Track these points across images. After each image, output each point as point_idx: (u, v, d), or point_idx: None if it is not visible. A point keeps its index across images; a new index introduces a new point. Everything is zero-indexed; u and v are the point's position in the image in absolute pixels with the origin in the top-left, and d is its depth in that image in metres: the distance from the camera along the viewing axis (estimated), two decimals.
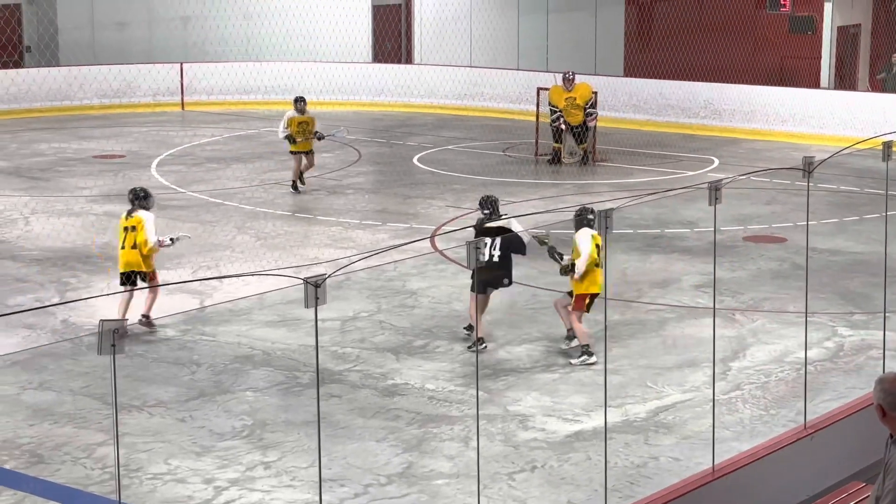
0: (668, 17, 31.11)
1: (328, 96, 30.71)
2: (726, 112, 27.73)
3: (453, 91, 30.84)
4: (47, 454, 11.11)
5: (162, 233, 14.75)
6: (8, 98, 29.71)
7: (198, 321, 14.82)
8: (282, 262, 17.09)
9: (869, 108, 25.98)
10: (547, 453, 11.13)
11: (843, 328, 14.49)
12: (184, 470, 10.79)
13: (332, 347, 13.73)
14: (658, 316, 14.97)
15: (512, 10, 32.23)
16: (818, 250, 17.47)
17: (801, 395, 11.39)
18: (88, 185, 22.30)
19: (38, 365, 13.34)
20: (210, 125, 28.65)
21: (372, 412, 12.06)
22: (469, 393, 12.34)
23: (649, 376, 12.99)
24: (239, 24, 32.68)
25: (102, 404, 12.11)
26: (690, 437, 11.41)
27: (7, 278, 16.50)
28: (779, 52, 29.65)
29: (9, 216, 19.89)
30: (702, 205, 18.36)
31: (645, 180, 22.63)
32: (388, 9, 34.01)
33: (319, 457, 7.97)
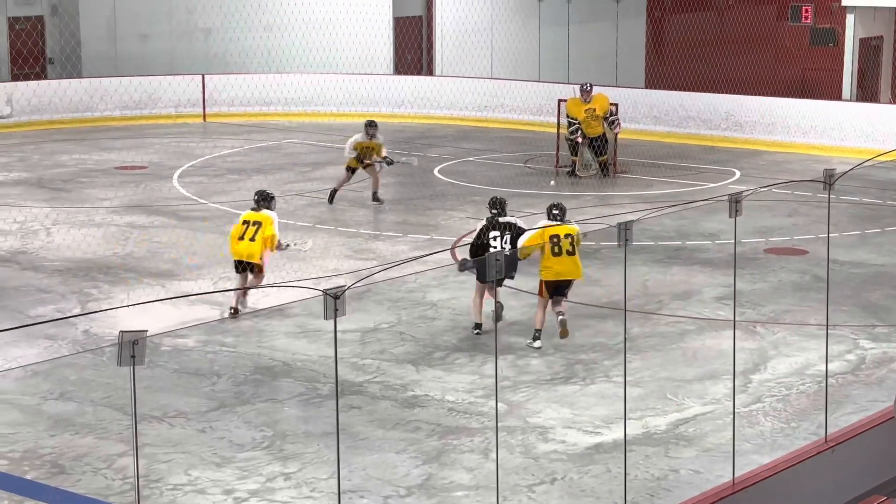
0: (689, 28, 31.10)
1: (349, 108, 30.78)
2: (747, 124, 27.69)
3: (474, 102, 30.85)
4: (68, 465, 11.14)
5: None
6: (31, 109, 29.83)
7: (218, 332, 14.84)
8: (302, 273, 17.10)
9: (891, 120, 25.91)
10: (567, 465, 11.12)
11: (865, 341, 14.44)
12: (204, 481, 10.81)
13: (352, 359, 13.74)
14: (679, 328, 14.94)
15: (533, 22, 32.25)
16: (840, 262, 17.41)
17: (822, 407, 11.37)
18: (110, 196, 22.37)
19: (60, 375, 13.38)
20: (231, 136, 28.72)
21: (392, 424, 12.06)
22: (489, 405, 12.34)
23: (670, 388, 12.97)
24: (260, 36, 32.76)
25: (123, 415, 12.13)
26: (711, 450, 11.38)
27: (29, 289, 16.56)
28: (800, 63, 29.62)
29: (31, 227, 19.96)
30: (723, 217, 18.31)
31: (666, 192, 22.60)
32: (409, 20, 34.06)
33: (339, 468, 8.00)
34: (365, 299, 15.83)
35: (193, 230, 19.70)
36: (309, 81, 30.95)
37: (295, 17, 32.60)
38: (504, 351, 13.88)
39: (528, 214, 19.98)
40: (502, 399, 12.50)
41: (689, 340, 14.49)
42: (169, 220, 20.50)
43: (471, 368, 13.56)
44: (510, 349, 14.03)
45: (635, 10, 31.27)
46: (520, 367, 13.57)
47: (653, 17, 31.41)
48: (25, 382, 13.21)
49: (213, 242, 18.88)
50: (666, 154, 26.26)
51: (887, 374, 13.27)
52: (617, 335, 14.36)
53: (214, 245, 18.71)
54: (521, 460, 11.22)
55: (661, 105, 28.59)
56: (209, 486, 10.72)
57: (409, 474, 10.95)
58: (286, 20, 32.68)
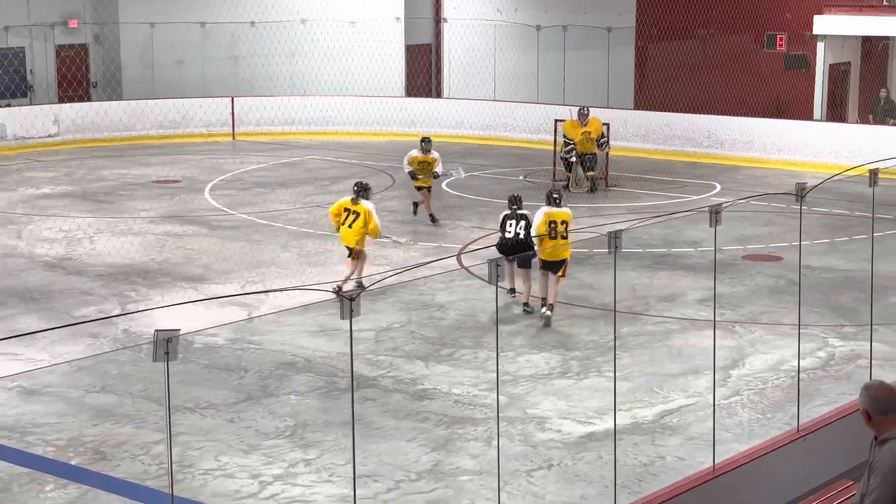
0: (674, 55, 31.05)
1: (365, 127, 30.83)
2: (727, 142, 27.67)
3: (479, 122, 30.86)
4: (109, 451, 11.15)
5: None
6: (76, 129, 29.90)
7: (246, 331, 14.86)
8: (322, 277, 17.11)
9: (858, 138, 25.87)
10: (562, 452, 11.12)
11: (834, 339, 14.42)
12: (232, 466, 10.81)
13: (367, 355, 13.74)
14: (664, 327, 14.93)
15: (532, 49, 32.25)
16: (811, 268, 17.40)
17: (794, 400, 11.34)
18: (147, 207, 22.40)
19: (101, 370, 13.40)
20: (258, 153, 28.75)
21: (403, 414, 12.06)
22: (491, 397, 12.33)
23: (656, 382, 12.96)
24: (284, 62, 32.80)
25: (159, 406, 12.14)
26: (693, 439, 11.37)
27: (74, 291, 16.59)
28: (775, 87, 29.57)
29: (76, 235, 19.99)
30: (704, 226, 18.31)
31: (653, 204, 22.59)
32: (420, 48, 34.09)
33: (354, 455, 7.98)
34: (379, 301, 15.83)
35: (223, 238, 19.71)
36: (328, 103, 30.99)
37: (315, 45, 32.65)
38: (505, 349, 13.89)
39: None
40: (504, 392, 12.50)
41: (674, 339, 14.48)
42: (201, 228, 20.52)
43: (475, 364, 13.55)
44: (511, 347, 14.03)
45: (625, 39, 31.24)
46: (520, 363, 13.57)
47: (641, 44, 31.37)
48: (70, 377, 13.23)
49: (240, 249, 18.92)
50: (653, 169, 26.26)
51: (854, 370, 13.25)
52: (608, 334, 14.35)
53: (242, 252, 18.74)
54: (521, 448, 11.21)
55: (649, 124, 28.59)
56: (237, 470, 10.72)
57: (419, 460, 10.94)
58: (308, 48, 32.73)
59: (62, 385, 12.96)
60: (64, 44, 31.89)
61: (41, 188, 24.23)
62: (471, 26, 33.45)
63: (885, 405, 6.66)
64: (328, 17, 32.58)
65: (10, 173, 25.93)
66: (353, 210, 16.20)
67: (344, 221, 16.21)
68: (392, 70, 33.09)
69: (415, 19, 33.60)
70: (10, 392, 12.72)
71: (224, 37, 32.66)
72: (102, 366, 13.54)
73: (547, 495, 10.26)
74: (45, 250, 18.95)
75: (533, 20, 32.45)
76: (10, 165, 26.84)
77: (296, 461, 10.93)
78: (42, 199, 23.08)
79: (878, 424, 6.65)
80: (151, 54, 32.47)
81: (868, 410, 6.68)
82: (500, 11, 33.12)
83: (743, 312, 15.55)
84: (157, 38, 32.23)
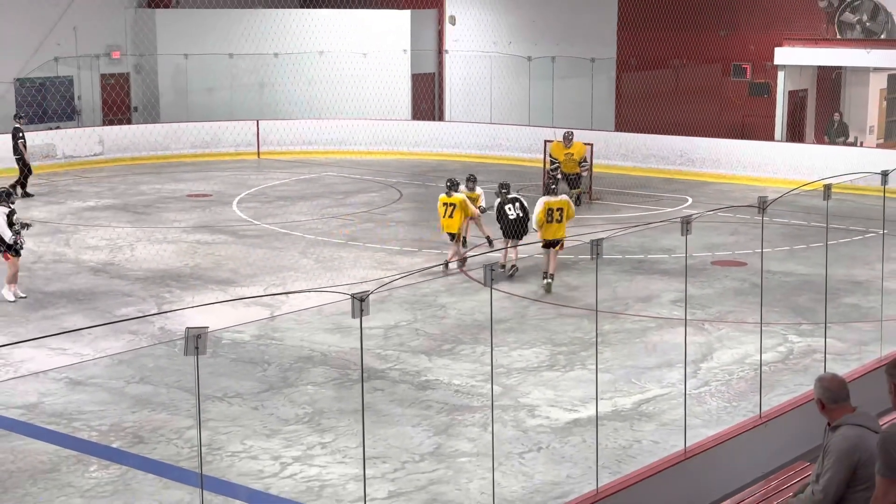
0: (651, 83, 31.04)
1: (375, 147, 30.84)
2: (698, 160, 27.65)
3: (477, 142, 30.85)
4: (146, 436, 11.15)
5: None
6: (118, 148, 29.92)
7: (269, 328, 14.85)
8: (336, 280, 17.11)
9: (814, 156, 25.85)
10: (550, 437, 11.10)
11: (793, 336, 14.40)
12: (256, 449, 10.80)
13: (376, 350, 13.73)
14: (641, 325, 14.91)
15: (524, 77, 32.26)
16: (772, 272, 17.38)
17: (757, 390, 11.33)
18: (181, 218, 22.39)
19: (140, 363, 13.39)
20: (280, 170, 28.75)
21: (408, 403, 12.05)
22: (487, 387, 12.32)
23: (634, 374, 12.94)
24: (304, 89, 32.82)
25: (191, 395, 12.13)
26: (667, 425, 11.35)
27: (116, 293, 16.58)
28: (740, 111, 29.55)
29: (118, 243, 19.98)
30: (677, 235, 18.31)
31: (631, 215, 22.58)
32: (424, 76, 34.10)
33: (364, 438, 7.97)
34: (388, 302, 15.82)
35: (248, 246, 19.71)
36: (343, 126, 31.02)
37: (332, 74, 32.67)
38: (500, 344, 13.88)
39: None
40: (498, 383, 12.49)
41: (650, 335, 14.46)
42: (229, 237, 20.51)
43: (473, 358, 13.54)
44: (504, 343, 14.01)
45: (607, 68, 31.24)
46: (512, 357, 13.55)
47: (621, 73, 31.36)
48: (112, 369, 13.22)
49: (263, 256, 18.91)
50: (631, 184, 26.24)
51: (811, 363, 13.22)
52: (591, 331, 14.33)
53: (265, 258, 18.74)
54: (513, 432, 11.20)
55: (628, 144, 28.58)
56: (261, 453, 10.71)
57: (423, 444, 10.93)
58: (324, 76, 32.75)
59: (105, 376, 12.96)
60: (108, 73, 31.92)
61: (87, 201, 24.23)
62: (469, 57, 33.46)
63: (836, 395, 6.67)
64: (343, 50, 32.60)
65: (59, 188, 25.93)
66: (450, 203, 17.68)
67: (445, 214, 17.67)
68: (399, 96, 33.10)
69: (420, 51, 33.61)
70: (59, 383, 12.72)
71: (250, 67, 32.69)
72: (141, 359, 13.53)
73: (536, 475, 10.25)
74: (90, 256, 18.94)
75: (525, 52, 32.45)
76: (60, 181, 26.85)
77: (313, 444, 10.92)
78: (88, 211, 23.08)
79: (831, 412, 6.66)
80: (185, 82, 32.49)
81: (822, 400, 6.68)
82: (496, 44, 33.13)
83: (711, 312, 15.53)
84: (191, 68, 32.26)
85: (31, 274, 17.57)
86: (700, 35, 29.87)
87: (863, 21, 27.70)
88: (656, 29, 29.94)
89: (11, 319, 15.24)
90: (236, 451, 10.74)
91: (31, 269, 17.91)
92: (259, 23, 32.42)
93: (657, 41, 30.10)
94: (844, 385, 6.69)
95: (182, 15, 32.58)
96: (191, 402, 11.97)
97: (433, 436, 11.13)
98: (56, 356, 13.53)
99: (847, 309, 15.55)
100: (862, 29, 27.70)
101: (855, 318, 15.14)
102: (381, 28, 32.93)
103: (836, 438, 6.53)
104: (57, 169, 28.30)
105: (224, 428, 11.29)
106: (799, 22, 28.54)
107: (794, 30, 28.22)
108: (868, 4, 27.58)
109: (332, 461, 10.53)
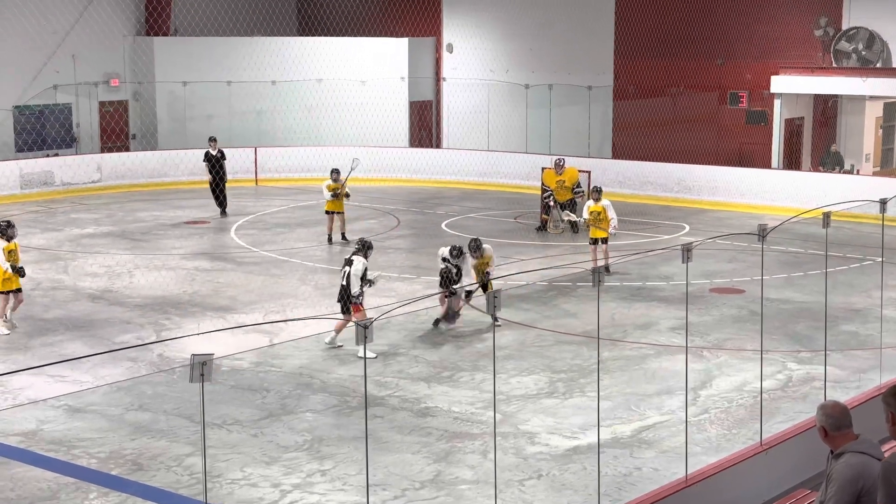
0: (648, 111, 31.16)
1: (374, 174, 30.84)
2: (695, 187, 27.74)
3: (475, 170, 30.93)
4: (146, 463, 11.13)
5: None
6: (116, 175, 29.96)
7: (268, 355, 14.84)
8: (336, 308, 17.07)
9: (811, 184, 25.93)
10: (550, 464, 11.09)
11: (792, 363, 14.42)
12: (256, 476, 10.79)
13: (375, 377, 13.73)
14: (640, 352, 14.92)
15: (522, 105, 32.37)
16: (771, 300, 17.40)
17: (757, 417, 11.34)
18: (180, 245, 22.41)
19: (139, 391, 13.38)
20: (278, 197, 28.80)
21: (408, 430, 12.04)
22: (487, 414, 12.31)
23: (633, 401, 12.94)
24: (302, 116, 32.91)
25: (190, 422, 12.12)
26: (667, 452, 11.35)
27: (115, 320, 16.58)
28: (738, 139, 29.66)
29: (116, 270, 19.99)
30: (675, 262, 18.38)
31: (630, 242, 22.62)
32: (422, 104, 34.21)
33: (367, 466, 7.96)
34: (386, 329, 15.82)
35: (247, 273, 19.72)
36: (342, 152, 30.93)
37: (330, 102, 32.77)
38: (499, 371, 13.87)
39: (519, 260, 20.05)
40: (498, 410, 12.48)
41: (649, 363, 14.47)
42: (227, 264, 20.53)
43: (472, 385, 13.54)
44: (504, 370, 14.01)
45: (604, 96, 31.37)
46: (512, 384, 13.55)
47: (618, 101, 31.48)
48: (111, 396, 13.21)
49: (262, 283, 18.93)
50: (630, 212, 26.27)
51: (810, 391, 13.24)
52: (590, 358, 14.34)
53: (264, 285, 18.75)
54: (514, 460, 11.19)
55: (625, 172, 28.67)
56: (260, 480, 10.70)
57: (423, 471, 10.92)
58: (323, 104, 32.85)
59: (104, 404, 12.94)
60: (106, 100, 32.01)
61: (85, 228, 24.25)
62: (467, 85, 33.59)
63: (839, 422, 6.67)
64: (341, 77, 32.70)
65: (57, 215, 25.96)
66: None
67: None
68: (397, 123, 33.19)
69: (418, 79, 33.73)
70: (58, 410, 12.70)
71: (248, 94, 32.78)
72: (140, 387, 13.52)
73: (536, 502, 10.23)
74: (88, 283, 18.95)
75: (522, 80, 32.58)
76: (58, 208, 26.88)
77: (313, 472, 10.90)
78: (86, 238, 23.10)
79: (834, 439, 6.66)
80: (184, 109, 32.58)
81: (825, 427, 6.68)
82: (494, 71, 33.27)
83: (710, 339, 15.54)
84: (189, 95, 32.35)
85: (29, 301, 17.56)
86: (697, 63, 30.01)
87: (858, 50, 27.85)
88: (653, 57, 30.09)
89: (11, 346, 15.23)
90: (236, 479, 10.72)
91: (30, 295, 17.90)
92: (257, 51, 32.55)
93: (654, 69, 30.25)
94: (847, 412, 6.69)
95: (180, 43, 32.70)
96: (190, 429, 11.94)
97: (433, 463, 11.11)
98: (55, 383, 13.51)
99: (846, 336, 15.57)
100: (858, 57, 27.85)
101: (853, 345, 15.16)
102: (379, 56, 33.07)
103: (839, 466, 6.53)
104: (55, 196, 28.35)
105: (223, 455, 11.27)
106: (795, 50, 28.68)
107: (790, 58, 28.37)
108: (864, 33, 27.74)
109: (332, 489, 10.51)
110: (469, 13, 33.94)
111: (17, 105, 30.15)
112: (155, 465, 11.07)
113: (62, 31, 30.72)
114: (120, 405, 12.86)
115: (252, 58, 32.46)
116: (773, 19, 28.91)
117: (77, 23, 31.03)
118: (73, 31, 30.93)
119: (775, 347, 14.98)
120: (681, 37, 29.62)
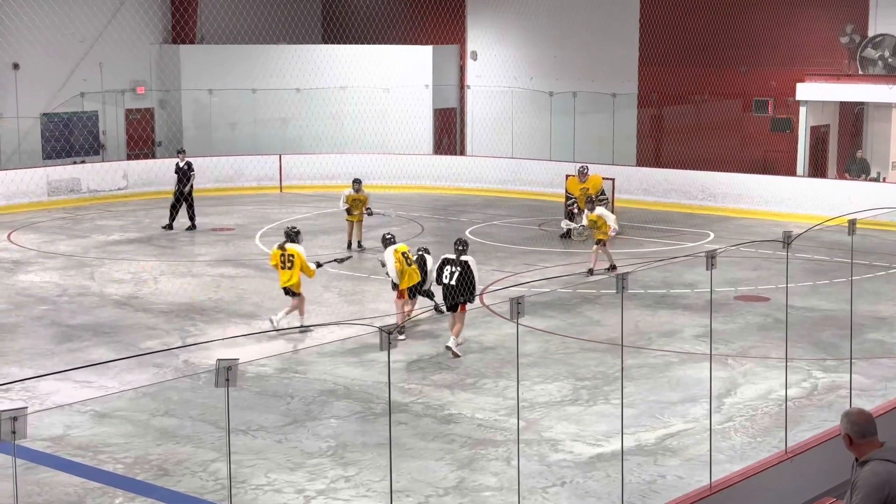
0: (673, 118, 31.11)
1: (398, 181, 30.94)
2: (720, 195, 27.66)
3: (498, 177, 30.94)
4: (171, 468, 11.18)
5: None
6: (142, 182, 30.12)
7: (292, 361, 14.89)
8: (359, 314, 17.14)
9: (836, 192, 25.83)
10: (574, 471, 11.08)
11: (817, 371, 14.35)
12: (280, 482, 10.81)
13: (399, 384, 13.75)
14: (664, 360, 14.89)
15: (546, 112, 32.38)
16: (796, 308, 17.33)
17: (782, 425, 11.29)
18: (205, 252, 22.50)
19: (164, 396, 13.44)
20: (302, 204, 28.88)
21: (432, 436, 12.05)
22: (511, 421, 12.31)
23: (657, 409, 12.91)
24: (327, 124, 33.02)
25: (215, 428, 12.17)
26: (691, 460, 11.31)
27: (140, 326, 16.66)
28: (762, 146, 29.57)
29: (142, 277, 20.10)
30: (700, 270, 18.32)
31: (654, 250, 22.57)
32: (446, 111, 34.27)
33: (391, 472, 7.98)
34: (410, 335, 15.83)
35: (272, 279, 19.75)
36: (365, 160, 31.12)
37: (354, 109, 32.87)
38: (523, 378, 13.86)
39: (542, 268, 20.05)
40: (521, 417, 12.47)
41: (673, 370, 14.44)
42: (252, 271, 20.60)
43: (496, 392, 13.54)
44: (528, 377, 14.00)
45: (628, 104, 31.35)
46: (535, 391, 13.54)
47: (642, 109, 31.46)
48: (137, 402, 13.28)
49: None
50: (653, 219, 26.25)
51: (836, 399, 13.17)
52: (614, 365, 14.32)
53: None
54: (537, 467, 11.18)
55: (650, 179, 28.63)
56: (284, 486, 10.73)
57: (446, 478, 10.92)
58: (347, 111, 32.96)
59: (130, 409, 13.01)
60: (132, 108, 32.22)
61: (111, 235, 24.39)
62: (491, 92, 33.62)
63: (864, 429, 6.64)
64: (365, 85, 32.80)
65: (84, 222, 26.12)
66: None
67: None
68: (421, 131, 33.25)
69: (442, 86, 33.79)
70: (85, 415, 12.77)
71: (273, 102, 32.92)
72: (165, 392, 13.58)
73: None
74: (114, 290, 19.05)
75: (546, 87, 32.59)
76: (85, 215, 27.05)
77: (337, 478, 10.92)
78: (112, 245, 23.23)
79: (859, 447, 6.63)
80: (209, 117, 32.74)
81: (850, 435, 6.66)
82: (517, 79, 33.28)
83: (735, 347, 15.49)
84: (214, 103, 32.51)
85: (56, 307, 17.69)
86: (721, 71, 29.94)
87: (885, 57, 27.72)
88: (677, 65, 30.03)
89: (37, 352, 15.33)
90: (260, 485, 10.75)
91: (57, 301, 18.03)
92: (282, 58, 32.67)
93: (678, 76, 30.19)
94: (872, 420, 6.67)
95: (206, 51, 32.87)
96: (215, 434, 11.99)
97: (456, 469, 11.12)
98: (81, 389, 13.59)
99: (871, 345, 15.49)
100: (884, 65, 27.72)
101: (879, 353, 15.08)
102: (403, 63, 33.14)
103: (864, 473, 6.51)
104: (82, 203, 28.52)
105: (248, 461, 11.30)
106: (821, 58, 28.58)
107: (815, 65, 28.27)
108: (890, 41, 27.61)
109: (356, 495, 10.53)
110: (493, 21, 33.98)
111: (44, 112, 30.38)
112: (180, 470, 11.11)
113: (90, 39, 30.94)
114: (146, 410, 12.92)
115: (277, 65, 32.60)
116: (798, 26, 28.82)
117: (104, 31, 31.25)
118: (100, 39, 31.14)
119: (800, 355, 14.92)
120: (705, 44, 29.56)
